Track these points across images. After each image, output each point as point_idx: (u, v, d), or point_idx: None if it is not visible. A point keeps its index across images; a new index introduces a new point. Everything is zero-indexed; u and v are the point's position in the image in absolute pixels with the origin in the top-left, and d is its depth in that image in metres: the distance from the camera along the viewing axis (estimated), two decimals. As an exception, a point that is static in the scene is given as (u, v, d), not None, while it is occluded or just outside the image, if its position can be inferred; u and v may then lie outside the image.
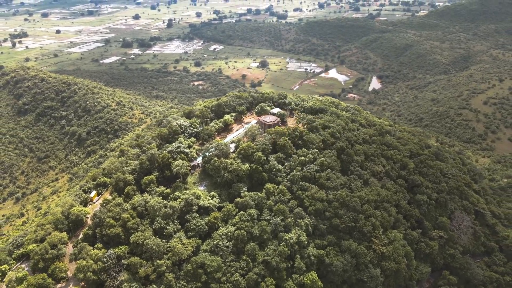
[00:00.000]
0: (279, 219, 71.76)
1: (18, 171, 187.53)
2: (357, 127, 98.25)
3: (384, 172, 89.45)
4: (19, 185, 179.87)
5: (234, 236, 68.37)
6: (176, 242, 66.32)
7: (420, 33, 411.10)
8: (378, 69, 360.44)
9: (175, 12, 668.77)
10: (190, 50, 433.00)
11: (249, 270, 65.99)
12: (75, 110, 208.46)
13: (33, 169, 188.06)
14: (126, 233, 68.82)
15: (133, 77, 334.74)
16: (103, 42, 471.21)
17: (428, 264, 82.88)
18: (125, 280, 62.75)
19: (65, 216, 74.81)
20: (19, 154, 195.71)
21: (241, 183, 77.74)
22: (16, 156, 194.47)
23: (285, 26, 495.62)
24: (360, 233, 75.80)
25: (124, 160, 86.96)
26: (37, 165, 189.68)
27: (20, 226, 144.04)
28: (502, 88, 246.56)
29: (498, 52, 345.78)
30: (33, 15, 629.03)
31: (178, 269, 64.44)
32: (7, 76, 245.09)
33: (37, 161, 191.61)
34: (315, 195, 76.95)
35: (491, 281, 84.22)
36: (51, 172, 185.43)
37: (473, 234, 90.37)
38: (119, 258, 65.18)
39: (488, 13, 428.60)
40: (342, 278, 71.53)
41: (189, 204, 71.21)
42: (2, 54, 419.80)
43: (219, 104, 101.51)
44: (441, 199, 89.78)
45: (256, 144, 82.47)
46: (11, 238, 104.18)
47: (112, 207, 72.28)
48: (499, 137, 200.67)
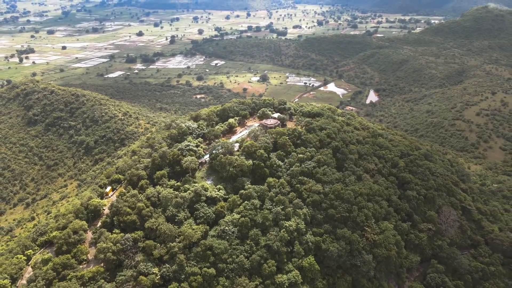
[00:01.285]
0: (280, 209, 79.06)
1: (28, 178, 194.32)
2: (351, 130, 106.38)
3: (376, 169, 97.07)
4: (29, 191, 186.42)
5: (239, 223, 75.58)
6: (187, 228, 73.45)
7: (416, 49, 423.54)
8: (375, 83, 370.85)
9: (178, 29, 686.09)
10: (193, 65, 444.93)
11: (253, 253, 72.93)
12: (83, 120, 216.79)
13: (43, 176, 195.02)
14: (141, 220, 76.05)
15: (137, 90, 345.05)
16: (108, 57, 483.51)
17: (418, 254, 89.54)
18: (141, 261, 69.62)
19: (84, 207, 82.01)
20: (28, 162, 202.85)
21: (245, 177, 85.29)
22: (26, 164, 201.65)
23: (285, 42, 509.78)
24: (353, 223, 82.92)
25: (136, 158, 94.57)
26: (46, 172, 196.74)
27: (31, 228, 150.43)
28: (494, 101, 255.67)
29: (491, 67, 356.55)
30: (39, 32, 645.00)
31: (188, 251, 71.38)
32: (17, 88, 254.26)
33: (46, 169, 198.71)
34: (312, 188, 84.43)
35: (477, 271, 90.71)
36: (60, 179, 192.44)
37: (459, 227, 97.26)
38: (135, 241, 72.23)
39: (481, 30, 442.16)
40: (338, 262, 78.29)
41: (198, 195, 78.62)
42: (9, 69, 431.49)
43: (224, 109, 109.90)
44: (429, 195, 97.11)
45: (258, 143, 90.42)
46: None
47: (128, 198, 79.64)
48: (491, 146, 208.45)
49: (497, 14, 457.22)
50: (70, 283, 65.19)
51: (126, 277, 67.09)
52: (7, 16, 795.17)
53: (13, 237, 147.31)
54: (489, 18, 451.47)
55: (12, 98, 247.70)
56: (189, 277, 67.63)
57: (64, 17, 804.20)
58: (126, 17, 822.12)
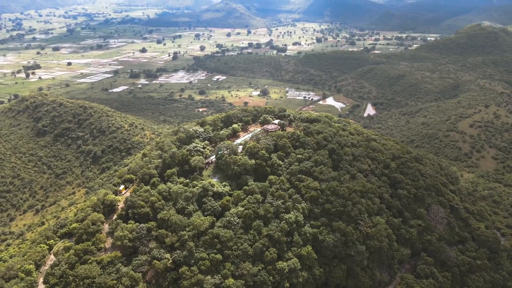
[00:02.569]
0: (280, 202, 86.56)
1: (37, 186, 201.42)
2: (346, 134, 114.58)
3: (369, 170, 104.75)
4: (39, 198, 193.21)
5: (243, 215, 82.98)
6: (196, 219, 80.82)
7: (412, 65, 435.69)
8: (373, 97, 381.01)
9: (180, 46, 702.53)
10: (195, 80, 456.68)
11: (256, 241, 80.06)
12: (91, 131, 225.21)
13: (51, 184, 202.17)
14: (153, 212, 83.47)
15: (141, 104, 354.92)
16: (112, 73, 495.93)
17: (408, 247, 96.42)
18: (154, 247, 76.79)
19: (100, 202, 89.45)
20: (37, 171, 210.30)
21: (248, 175, 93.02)
22: (35, 173, 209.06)
23: (285, 58, 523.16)
24: (348, 217, 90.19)
25: (147, 159, 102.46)
26: (55, 180, 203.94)
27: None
28: (487, 113, 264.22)
29: (485, 82, 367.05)
30: (45, 49, 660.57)
31: (197, 239, 78.55)
32: (27, 101, 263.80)
33: (55, 177, 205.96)
34: (310, 185, 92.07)
35: (464, 264, 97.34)
36: (68, 187, 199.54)
37: (448, 224, 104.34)
38: (149, 230, 79.51)
39: (475, 47, 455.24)
40: (333, 252, 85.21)
41: (206, 190, 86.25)
42: (16, 84, 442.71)
43: (228, 115, 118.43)
44: (419, 194, 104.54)
45: (260, 144, 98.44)
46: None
47: (141, 193, 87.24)
48: (484, 155, 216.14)
49: (490, 31, 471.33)
50: (91, 266, 72.27)
51: (141, 261, 74.20)
52: (13, 34, 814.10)
53: (24, 240, 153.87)
54: (482, 35, 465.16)
55: (22, 110, 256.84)
56: (198, 261, 74.71)
57: (69, 35, 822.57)
58: (130, 35, 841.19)
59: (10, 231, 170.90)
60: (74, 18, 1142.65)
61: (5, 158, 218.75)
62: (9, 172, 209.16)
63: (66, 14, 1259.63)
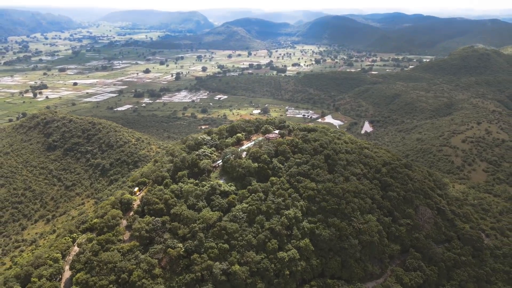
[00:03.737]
0: (281, 200, 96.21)
1: (47, 197, 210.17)
2: (341, 142, 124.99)
3: (362, 173, 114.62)
4: (49, 209, 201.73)
5: (247, 210, 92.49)
6: (205, 213, 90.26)
7: (407, 84, 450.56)
8: (370, 115, 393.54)
9: (182, 67, 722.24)
10: (197, 99, 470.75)
11: (259, 234, 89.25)
12: (99, 145, 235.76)
13: (61, 195, 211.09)
14: (167, 208, 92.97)
15: (145, 121, 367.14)
16: (117, 92, 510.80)
17: (398, 244, 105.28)
18: (168, 238, 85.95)
19: (118, 200, 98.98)
20: (48, 183, 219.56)
21: (252, 177, 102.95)
22: (45, 185, 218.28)
23: (285, 78, 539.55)
24: (342, 214, 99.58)
25: (159, 164, 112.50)
26: (65, 192, 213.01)
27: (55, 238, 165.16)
28: (479, 130, 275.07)
29: (478, 100, 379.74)
30: (51, 70, 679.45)
31: (206, 231, 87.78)
32: (38, 118, 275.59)
33: (64, 189, 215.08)
34: (307, 185, 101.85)
35: (450, 260, 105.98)
36: (77, 198, 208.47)
37: (435, 224, 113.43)
38: (163, 223, 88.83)
39: (468, 67, 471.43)
40: (329, 245, 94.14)
41: (214, 189, 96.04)
42: (24, 103, 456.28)
43: (232, 126, 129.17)
44: (408, 196, 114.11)
45: (262, 150, 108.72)
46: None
47: (156, 192, 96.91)
48: (475, 168, 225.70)
49: (483, 53, 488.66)
50: (113, 253, 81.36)
51: (157, 249, 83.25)
52: (20, 55, 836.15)
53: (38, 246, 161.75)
54: (475, 56, 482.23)
55: (33, 126, 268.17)
56: (207, 250, 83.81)
57: (74, 57, 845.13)
58: (133, 56, 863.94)
59: (22, 239, 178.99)
60: (79, 41, 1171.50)
61: (17, 171, 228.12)
62: (20, 184, 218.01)
63: (72, 37, 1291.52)
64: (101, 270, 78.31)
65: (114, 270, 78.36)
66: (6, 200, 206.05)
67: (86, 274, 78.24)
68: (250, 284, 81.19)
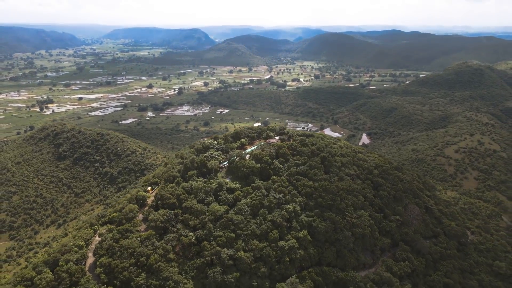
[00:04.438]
0: (281, 196, 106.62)
1: (58, 204, 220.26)
2: (336, 147, 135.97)
3: (355, 174, 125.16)
4: (60, 214, 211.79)
5: (251, 205, 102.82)
6: (213, 207, 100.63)
7: (404, 98, 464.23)
8: (368, 128, 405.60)
9: (185, 82, 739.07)
10: (199, 113, 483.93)
11: (261, 225, 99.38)
12: (108, 155, 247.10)
13: (71, 202, 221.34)
14: (179, 202, 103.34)
15: (150, 134, 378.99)
16: (121, 107, 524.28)
17: (389, 238, 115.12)
18: (181, 228, 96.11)
19: (134, 197, 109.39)
20: (59, 191, 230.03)
21: (255, 176, 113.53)
22: (56, 192, 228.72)
23: (284, 93, 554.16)
24: (337, 209, 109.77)
25: (170, 166, 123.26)
26: (75, 199, 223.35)
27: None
28: (472, 141, 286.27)
29: (472, 114, 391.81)
30: (57, 85, 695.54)
31: (215, 222, 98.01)
32: (47, 130, 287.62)
33: (74, 196, 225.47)
34: (305, 183, 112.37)
35: (436, 252, 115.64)
36: (87, 204, 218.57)
37: (423, 221, 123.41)
38: (176, 215, 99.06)
39: (462, 82, 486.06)
40: (325, 237, 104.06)
41: (221, 186, 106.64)
42: (31, 117, 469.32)
43: (236, 132, 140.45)
44: (397, 195, 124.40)
45: (264, 152, 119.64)
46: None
47: (168, 188, 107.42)
48: (467, 176, 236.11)
49: (476, 68, 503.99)
50: (132, 240, 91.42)
51: (170, 237, 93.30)
52: (26, 71, 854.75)
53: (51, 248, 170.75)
54: (469, 72, 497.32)
55: (43, 137, 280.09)
56: (216, 238, 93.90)
57: (79, 72, 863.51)
58: (136, 72, 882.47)
59: (35, 242, 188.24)
60: (83, 57, 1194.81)
61: (28, 179, 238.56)
62: (32, 192, 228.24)
63: (76, 53, 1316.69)
64: (122, 255, 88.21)
65: (133, 255, 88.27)
66: (19, 206, 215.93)
67: (108, 258, 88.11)
68: (254, 268, 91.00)
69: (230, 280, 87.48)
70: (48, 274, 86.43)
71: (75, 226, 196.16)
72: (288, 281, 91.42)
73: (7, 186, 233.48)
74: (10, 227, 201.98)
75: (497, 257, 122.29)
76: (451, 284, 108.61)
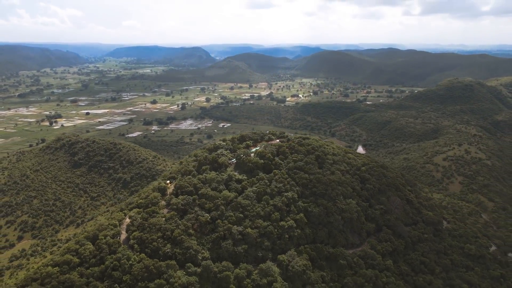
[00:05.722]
0: (281, 185, 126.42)
1: (75, 206, 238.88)
2: (329, 148, 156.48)
3: (345, 170, 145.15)
4: (78, 215, 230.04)
5: (256, 192, 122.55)
6: (225, 193, 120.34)
7: (398, 112, 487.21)
8: (363, 140, 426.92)
9: (187, 98, 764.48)
10: (202, 127, 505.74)
11: (265, 208, 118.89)
12: (121, 162, 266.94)
13: (88, 205, 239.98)
14: (195, 190, 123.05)
15: (156, 145, 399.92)
16: (127, 121, 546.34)
17: (374, 224, 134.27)
18: (198, 210, 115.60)
19: (156, 187, 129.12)
20: (75, 195, 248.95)
21: (259, 170, 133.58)
22: (73, 196, 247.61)
23: (284, 108, 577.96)
24: (328, 197, 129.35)
25: (185, 163, 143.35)
26: (91, 202, 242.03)
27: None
28: (459, 150, 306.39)
29: (462, 126, 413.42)
30: (63, 101, 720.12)
31: (226, 206, 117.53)
32: (63, 140, 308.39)
33: (90, 199, 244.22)
34: (302, 176, 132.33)
35: (415, 236, 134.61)
36: (102, 206, 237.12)
37: (404, 211, 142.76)
38: (194, 200, 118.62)
39: (454, 97, 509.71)
40: (318, 220, 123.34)
41: (230, 177, 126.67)
42: (41, 131, 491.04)
43: (242, 135, 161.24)
44: (382, 188, 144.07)
45: (267, 150, 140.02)
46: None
47: (186, 179, 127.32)
48: (452, 181, 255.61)
49: (467, 84, 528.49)
50: (158, 218, 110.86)
51: (190, 217, 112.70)
52: (33, 88, 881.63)
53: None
54: (460, 87, 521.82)
55: (59, 147, 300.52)
56: (227, 217, 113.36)
57: (84, 89, 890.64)
58: (140, 89, 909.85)
59: (58, 239, 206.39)
60: (87, 75, 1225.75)
61: (47, 185, 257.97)
62: (51, 196, 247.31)
63: (80, 71, 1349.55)
64: (150, 230, 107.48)
65: (160, 230, 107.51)
66: (39, 209, 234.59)
67: (139, 232, 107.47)
68: (259, 242, 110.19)
69: (239, 251, 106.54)
70: (90, 246, 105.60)
71: (92, 225, 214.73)
72: (288, 253, 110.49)
73: (27, 191, 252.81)
74: (32, 227, 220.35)
75: (468, 241, 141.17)
76: (427, 262, 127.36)
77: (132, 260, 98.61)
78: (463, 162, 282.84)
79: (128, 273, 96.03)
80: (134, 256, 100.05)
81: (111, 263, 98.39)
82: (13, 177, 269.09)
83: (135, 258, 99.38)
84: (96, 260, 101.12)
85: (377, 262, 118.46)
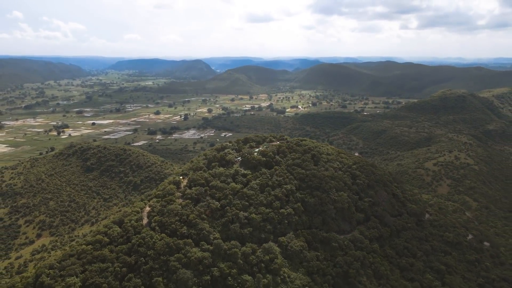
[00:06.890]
0: (281, 179, 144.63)
1: (89, 207, 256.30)
2: (324, 148, 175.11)
3: (338, 167, 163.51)
4: (92, 215, 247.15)
5: (259, 184, 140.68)
6: (232, 185, 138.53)
7: (393, 122, 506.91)
8: (360, 148, 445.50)
9: (189, 109, 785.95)
10: (205, 136, 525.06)
11: (267, 197, 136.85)
12: (131, 166, 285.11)
13: (101, 205, 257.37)
14: (206, 182, 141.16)
15: (161, 153, 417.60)
16: (132, 131, 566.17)
17: (363, 214, 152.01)
18: (209, 199, 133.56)
19: (171, 181, 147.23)
20: (89, 197, 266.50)
21: (261, 166, 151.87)
22: (87, 198, 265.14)
23: (284, 118, 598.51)
24: (323, 190, 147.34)
25: (196, 162, 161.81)
26: (104, 203, 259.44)
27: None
28: (450, 156, 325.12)
29: (454, 135, 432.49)
30: (69, 112, 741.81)
31: (234, 195, 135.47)
32: (75, 147, 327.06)
33: (103, 201, 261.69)
34: (299, 171, 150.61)
35: (399, 225, 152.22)
36: (115, 207, 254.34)
37: (390, 203, 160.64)
38: (205, 190, 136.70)
39: (447, 107, 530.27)
40: (314, 209, 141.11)
41: (237, 171, 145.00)
42: (50, 140, 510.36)
43: (246, 138, 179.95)
44: (370, 183, 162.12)
45: (268, 149, 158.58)
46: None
47: (198, 173, 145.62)
48: (441, 184, 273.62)
49: (459, 95, 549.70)
50: (175, 205, 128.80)
51: (202, 205, 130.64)
52: (38, 100, 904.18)
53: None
54: (452, 98, 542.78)
55: (71, 153, 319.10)
56: (235, 205, 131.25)
57: (88, 101, 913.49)
58: (143, 100, 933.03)
59: (75, 235, 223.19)
60: (91, 87, 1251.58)
61: (62, 188, 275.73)
62: (66, 197, 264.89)
63: (83, 83, 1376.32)
64: (169, 215, 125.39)
65: (177, 214, 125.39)
66: (55, 209, 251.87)
67: (159, 217, 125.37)
68: (262, 226, 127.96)
69: (245, 233, 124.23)
70: (117, 228, 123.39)
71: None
72: (287, 236, 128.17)
73: (44, 193, 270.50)
74: (50, 226, 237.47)
75: (447, 230, 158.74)
76: (409, 247, 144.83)
77: (155, 238, 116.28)
78: (452, 167, 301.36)
79: (152, 248, 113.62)
80: (156, 235, 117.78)
81: (136, 241, 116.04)
82: (29, 181, 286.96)
83: (157, 237, 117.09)
84: (123, 240, 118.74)
85: (365, 245, 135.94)
